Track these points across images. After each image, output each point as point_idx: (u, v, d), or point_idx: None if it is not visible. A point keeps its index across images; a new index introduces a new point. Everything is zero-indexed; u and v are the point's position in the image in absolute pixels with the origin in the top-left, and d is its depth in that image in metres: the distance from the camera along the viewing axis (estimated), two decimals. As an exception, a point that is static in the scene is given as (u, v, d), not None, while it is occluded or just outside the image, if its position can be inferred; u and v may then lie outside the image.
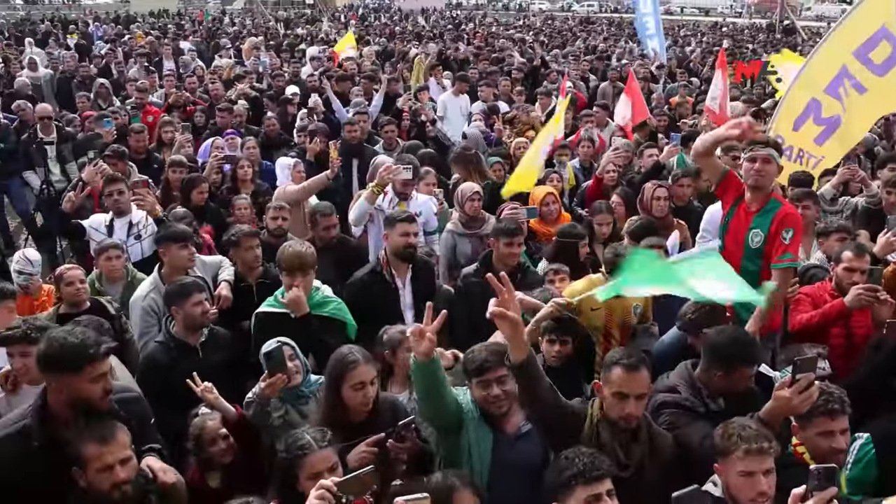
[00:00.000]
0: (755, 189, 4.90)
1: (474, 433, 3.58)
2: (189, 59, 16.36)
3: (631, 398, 3.37)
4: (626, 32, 32.26)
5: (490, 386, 3.54)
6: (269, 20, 31.85)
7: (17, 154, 9.41)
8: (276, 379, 3.80)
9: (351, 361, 3.64)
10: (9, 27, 28.74)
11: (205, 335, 4.66)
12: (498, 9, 60.58)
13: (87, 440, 2.96)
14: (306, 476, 3.03)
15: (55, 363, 3.13)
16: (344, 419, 3.64)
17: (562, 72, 14.19)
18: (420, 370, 3.35)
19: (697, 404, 3.78)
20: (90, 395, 3.15)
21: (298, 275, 4.69)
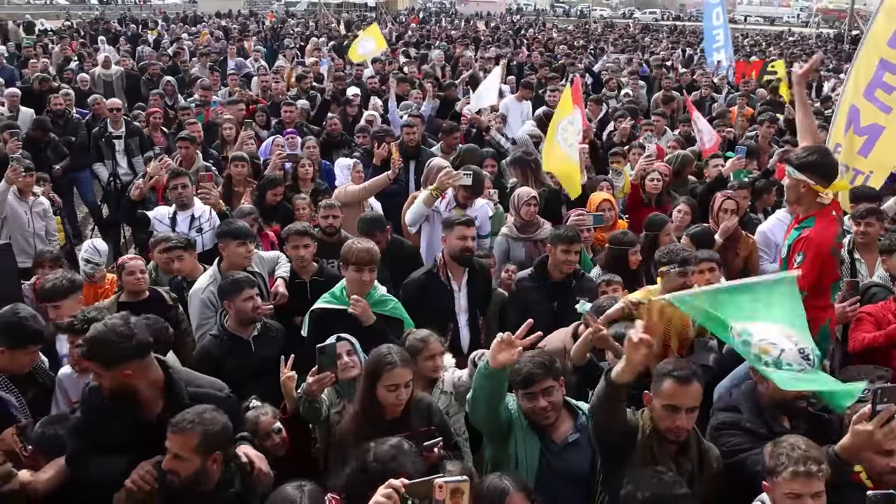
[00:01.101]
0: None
1: (522, 440, 3.58)
2: (241, 61, 16.60)
3: (682, 411, 3.33)
4: (686, 41, 31.75)
5: (536, 398, 3.53)
6: (332, 22, 32.20)
7: (88, 147, 9.71)
8: (324, 376, 3.83)
9: (388, 363, 3.66)
10: (84, 26, 29.62)
11: (257, 329, 4.73)
12: (559, 15, 60.29)
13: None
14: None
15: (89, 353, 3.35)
16: (377, 416, 3.67)
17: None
18: (491, 376, 3.38)
19: (759, 426, 3.68)
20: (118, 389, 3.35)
21: (366, 270, 4.73)
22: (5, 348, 3.95)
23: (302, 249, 5.52)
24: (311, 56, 17.38)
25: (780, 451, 3.05)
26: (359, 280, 4.75)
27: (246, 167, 7.54)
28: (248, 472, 3.30)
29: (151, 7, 49.41)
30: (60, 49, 18.40)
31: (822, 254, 4.45)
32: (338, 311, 4.76)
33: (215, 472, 3.15)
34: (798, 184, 4.57)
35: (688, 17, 62.39)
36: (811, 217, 4.55)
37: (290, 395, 3.89)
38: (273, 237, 6.62)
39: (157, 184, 6.86)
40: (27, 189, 7.21)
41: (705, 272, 5.28)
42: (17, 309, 4.07)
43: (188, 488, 3.10)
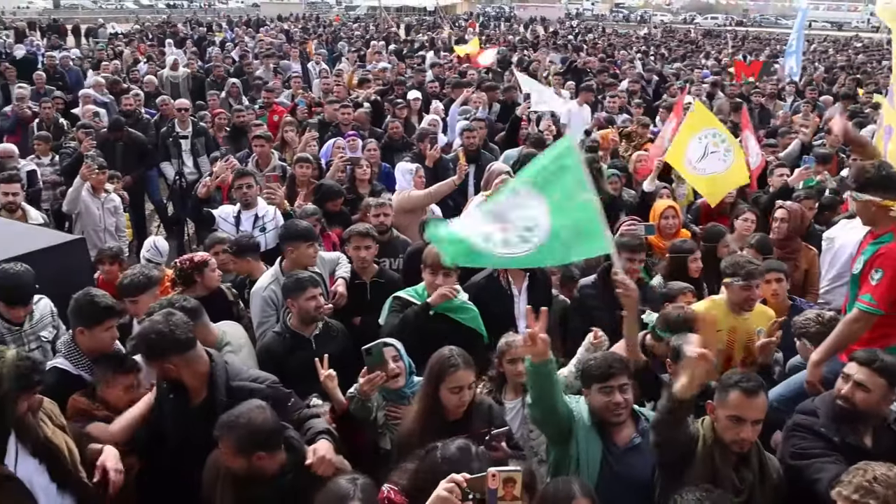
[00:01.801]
0: None
1: (584, 443, 3.58)
2: (287, 63, 16.80)
3: (747, 423, 3.29)
4: (749, 47, 31.21)
5: (613, 392, 3.55)
6: (392, 26, 32.47)
7: (156, 146, 9.98)
8: (375, 376, 3.87)
9: (451, 365, 3.70)
10: (152, 29, 30.44)
11: (319, 328, 4.80)
12: (618, 19, 59.78)
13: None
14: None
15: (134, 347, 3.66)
16: (440, 418, 3.70)
17: (684, 84, 13.91)
18: (535, 371, 3.40)
19: (833, 433, 3.60)
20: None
21: (441, 273, 4.77)
22: (84, 328, 4.14)
23: (363, 251, 5.57)
24: (372, 60, 17.56)
25: (852, 471, 2.99)
26: (432, 283, 4.80)
27: (310, 168, 7.64)
28: (304, 462, 3.37)
29: (215, 11, 50.49)
30: (130, 52, 18.96)
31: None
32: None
33: (269, 465, 3.25)
34: (867, 205, 4.41)
35: (751, 23, 61.32)
36: (889, 233, 4.35)
37: (334, 395, 3.95)
38: (335, 238, 6.71)
39: (223, 183, 7.02)
40: (100, 186, 7.46)
41: (772, 282, 5.22)
42: (89, 290, 4.28)
43: (247, 480, 3.24)
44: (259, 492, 3.24)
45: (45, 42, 23.34)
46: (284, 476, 3.28)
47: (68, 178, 8.04)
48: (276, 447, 3.26)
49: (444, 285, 4.74)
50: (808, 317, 4.58)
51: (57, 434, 3.44)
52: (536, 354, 3.34)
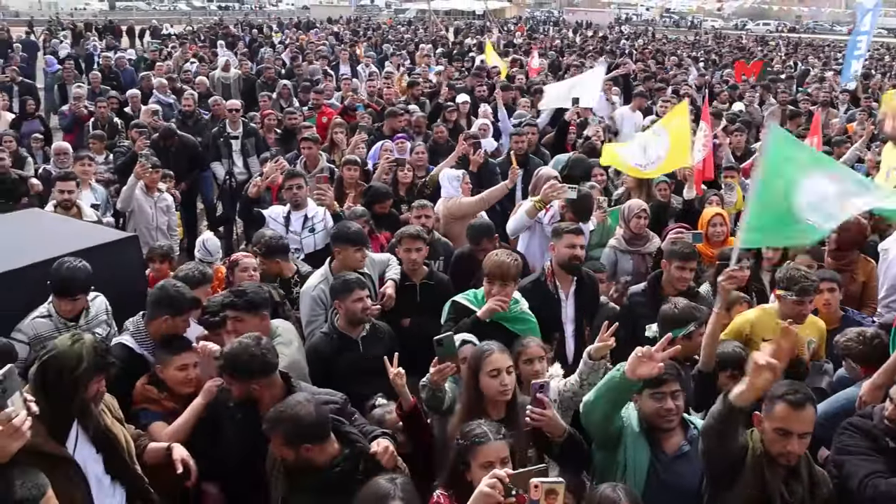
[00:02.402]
0: None
1: (632, 449, 3.56)
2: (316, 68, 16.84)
3: (794, 436, 3.22)
4: (802, 54, 30.65)
5: (665, 398, 3.52)
6: (441, 29, 32.56)
7: (207, 147, 10.13)
8: (445, 366, 3.84)
9: (485, 350, 3.73)
10: (204, 31, 30.93)
11: (366, 330, 4.82)
12: (668, 25, 59.18)
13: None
14: (479, 464, 3.09)
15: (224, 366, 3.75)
16: (482, 414, 3.66)
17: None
18: (624, 385, 3.38)
19: (884, 435, 3.55)
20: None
21: (497, 283, 4.71)
22: (169, 316, 4.34)
23: (414, 253, 5.58)
24: (421, 63, 17.62)
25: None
26: (489, 292, 4.77)
27: (357, 171, 7.71)
28: (366, 456, 3.43)
29: (266, 13, 51.15)
30: (181, 53, 19.29)
31: None
32: (473, 313, 4.79)
33: (317, 456, 3.32)
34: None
35: (804, 29, 60.25)
36: None
37: (402, 392, 3.94)
38: (383, 240, 6.74)
39: (273, 184, 7.09)
40: (153, 185, 7.59)
41: (825, 292, 5.13)
42: (173, 282, 4.55)
43: (297, 470, 3.34)
44: (309, 481, 3.32)
45: (102, 43, 23.84)
46: (335, 467, 3.33)
47: (121, 177, 8.21)
48: (322, 439, 3.32)
49: (497, 296, 4.68)
50: (850, 336, 4.47)
51: (115, 426, 3.53)
52: (637, 373, 3.32)
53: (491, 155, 9.30)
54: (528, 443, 3.63)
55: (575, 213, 6.14)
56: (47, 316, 4.54)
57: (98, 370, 3.33)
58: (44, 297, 4.60)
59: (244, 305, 4.37)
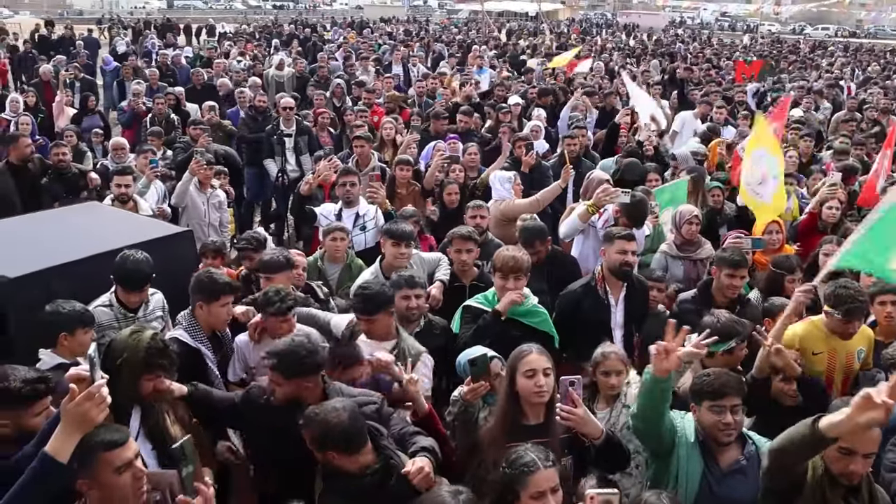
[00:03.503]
0: None
1: (685, 460, 3.50)
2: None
3: (858, 456, 3.13)
4: (863, 59, 29.91)
5: (724, 412, 3.45)
6: (493, 30, 32.51)
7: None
8: (479, 386, 3.84)
9: (523, 350, 3.70)
10: (259, 30, 31.36)
11: (421, 326, 4.87)
12: (724, 29, 58.25)
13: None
14: (529, 495, 2.97)
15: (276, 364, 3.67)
16: (519, 419, 3.65)
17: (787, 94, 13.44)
18: (654, 385, 3.35)
19: None
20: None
21: (511, 278, 4.76)
22: (203, 302, 4.44)
23: (465, 254, 5.58)
24: (473, 64, 17.61)
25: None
26: (502, 287, 4.79)
27: (410, 171, 7.75)
28: (397, 469, 3.37)
29: (320, 12, 51.66)
30: (238, 51, 19.58)
31: None
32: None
33: (345, 464, 3.29)
34: None
35: (864, 34, 58.77)
36: None
37: (416, 399, 3.94)
38: (432, 241, 6.76)
39: (325, 182, 7.14)
40: (206, 181, 7.67)
41: (887, 304, 5.00)
42: (208, 270, 4.65)
43: (330, 473, 3.33)
44: (340, 485, 3.29)
45: (161, 42, 24.34)
46: (366, 476, 3.28)
47: (179, 173, 8.35)
48: (349, 449, 3.26)
49: (513, 290, 4.72)
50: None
51: (175, 426, 3.58)
52: (661, 369, 3.29)
53: (543, 157, 9.24)
54: (563, 450, 3.57)
55: (629, 218, 6.07)
56: (108, 305, 4.67)
57: (149, 368, 3.42)
58: (101, 288, 4.71)
59: (373, 307, 4.41)
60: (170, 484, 3.19)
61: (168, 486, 3.19)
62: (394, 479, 3.28)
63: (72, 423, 2.74)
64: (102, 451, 2.81)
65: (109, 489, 2.84)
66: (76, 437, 2.75)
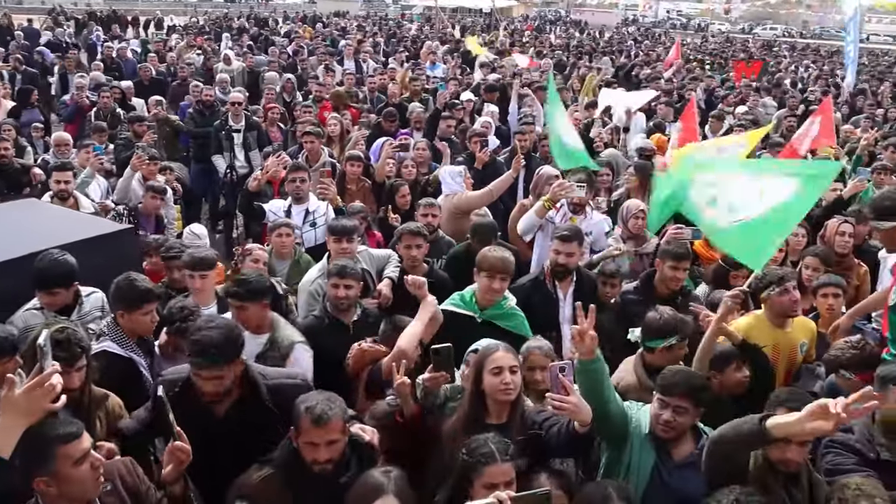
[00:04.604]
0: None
1: (638, 451, 3.53)
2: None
3: (793, 443, 3.20)
4: (808, 59, 30.60)
5: (665, 408, 3.48)
6: (448, 26, 32.46)
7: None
8: (439, 375, 3.83)
9: (490, 347, 3.71)
10: (209, 23, 30.87)
11: (357, 314, 4.86)
12: (675, 27, 59.03)
13: (303, 415, 3.17)
14: (482, 484, 3.01)
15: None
16: (483, 417, 3.64)
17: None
18: (583, 369, 3.35)
19: (868, 449, 3.56)
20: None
21: (498, 278, 4.73)
22: (124, 311, 4.22)
23: (414, 249, 5.57)
24: (426, 60, 17.55)
25: (833, 492, 3.01)
26: (489, 287, 4.76)
27: (361, 167, 7.69)
28: (368, 450, 3.39)
29: (272, 6, 51.07)
30: (187, 44, 19.22)
31: None
32: (464, 317, 4.80)
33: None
34: (892, 232, 4.52)
35: (810, 35, 60.08)
36: None
37: (406, 401, 3.88)
38: (380, 237, 6.73)
39: (274, 178, 7.05)
40: (151, 176, 7.51)
41: (829, 296, 5.16)
42: (129, 274, 4.35)
43: (334, 471, 3.22)
44: (321, 488, 3.21)
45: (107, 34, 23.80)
46: (340, 477, 3.24)
47: (121, 169, 8.16)
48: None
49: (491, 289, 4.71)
50: (838, 346, 4.42)
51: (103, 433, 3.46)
52: (583, 352, 3.30)
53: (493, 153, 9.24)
54: (520, 452, 3.52)
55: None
56: (39, 308, 4.45)
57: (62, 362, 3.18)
58: (37, 289, 4.53)
59: (246, 294, 4.32)
60: (120, 472, 3.09)
61: (118, 475, 3.08)
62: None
63: (14, 414, 2.63)
64: (60, 444, 2.72)
65: (68, 483, 2.75)
66: (19, 429, 2.65)
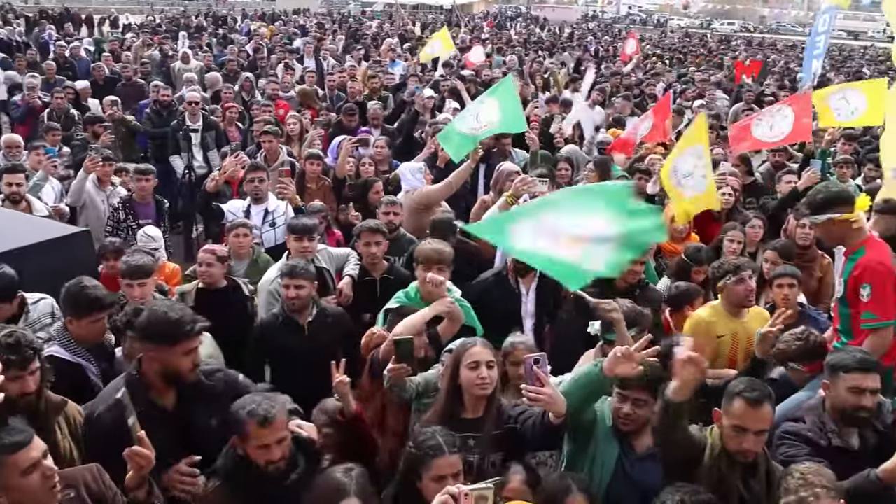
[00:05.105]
0: None
1: (602, 443, 3.57)
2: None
3: (750, 433, 3.25)
4: (764, 53, 31.09)
5: (625, 402, 3.52)
6: (408, 23, 32.41)
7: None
8: (399, 367, 3.83)
9: (467, 342, 3.71)
10: (166, 22, 30.41)
11: (313, 315, 4.82)
12: (635, 23, 59.57)
13: (248, 419, 3.11)
14: (430, 477, 3.03)
15: (152, 333, 3.37)
16: (459, 411, 3.65)
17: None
18: (599, 380, 3.36)
19: (820, 437, 3.63)
20: (180, 368, 3.39)
21: (434, 269, 4.73)
22: (73, 318, 4.14)
23: (373, 247, 5.56)
24: (385, 57, 17.48)
25: (785, 483, 3.02)
26: (423, 280, 4.74)
27: (320, 165, 7.63)
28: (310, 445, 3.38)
29: (230, 4, 50.51)
30: (142, 43, 18.91)
31: (884, 274, 4.37)
32: (411, 311, 4.70)
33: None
34: (827, 226, 4.57)
35: (767, 30, 61.05)
36: (860, 247, 4.50)
37: (345, 401, 3.86)
38: (339, 236, 6.71)
39: (233, 178, 6.97)
40: (105, 178, 7.37)
41: (784, 287, 5.21)
42: (81, 279, 4.24)
43: (286, 468, 3.20)
44: (270, 490, 3.18)
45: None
46: (290, 475, 3.22)
47: (78, 171, 8.01)
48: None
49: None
50: (783, 341, 4.48)
51: (66, 442, 3.36)
52: (614, 371, 3.29)
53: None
54: (495, 447, 3.58)
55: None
56: None
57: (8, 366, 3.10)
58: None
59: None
60: (84, 480, 3.01)
61: (83, 482, 3.00)
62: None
63: None
64: (7, 454, 2.64)
65: (20, 493, 2.67)
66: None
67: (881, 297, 4.32)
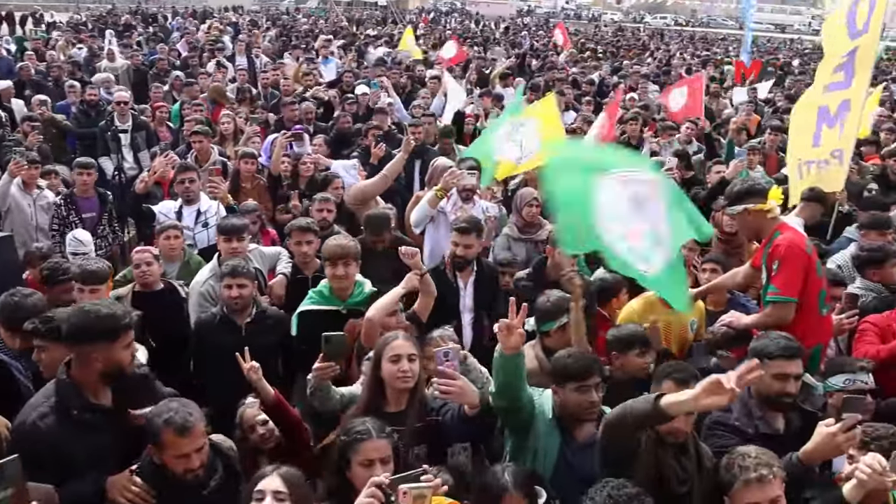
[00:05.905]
0: None
1: (544, 436, 3.58)
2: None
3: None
4: (695, 47, 31.79)
5: (590, 391, 3.51)
6: (342, 20, 32.19)
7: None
8: (327, 365, 3.80)
9: (388, 336, 3.72)
10: (93, 20, 29.60)
11: (251, 316, 4.77)
12: (570, 17, 60.21)
13: (165, 428, 3.04)
14: (358, 462, 3.04)
15: (91, 332, 3.27)
16: (381, 405, 3.64)
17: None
18: (505, 362, 3.36)
19: (747, 425, 3.71)
20: (123, 361, 3.34)
21: (340, 265, 4.74)
22: (4, 326, 4.11)
23: (305, 245, 5.55)
24: (321, 54, 17.33)
25: (731, 461, 3.09)
26: (332, 275, 4.78)
27: (255, 164, 7.57)
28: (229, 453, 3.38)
29: (161, 1, 49.46)
30: (66, 41, 18.38)
31: (796, 254, 4.48)
32: (325, 313, 4.77)
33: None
34: (743, 216, 4.73)
35: (698, 23, 62.33)
36: (775, 231, 4.63)
37: (260, 387, 3.83)
38: (274, 235, 6.66)
39: (163, 179, 6.85)
40: (31, 182, 7.17)
41: (707, 271, 5.40)
42: (13, 292, 4.22)
43: (205, 475, 3.16)
44: (189, 498, 3.15)
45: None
46: (209, 483, 3.20)
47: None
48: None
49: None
50: (711, 330, 4.65)
51: None
52: (510, 346, 3.31)
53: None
54: (418, 439, 3.59)
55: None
56: None
57: None
58: None
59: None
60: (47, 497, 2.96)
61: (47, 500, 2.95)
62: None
63: None
64: None
65: None
66: None
67: (789, 275, 4.42)
